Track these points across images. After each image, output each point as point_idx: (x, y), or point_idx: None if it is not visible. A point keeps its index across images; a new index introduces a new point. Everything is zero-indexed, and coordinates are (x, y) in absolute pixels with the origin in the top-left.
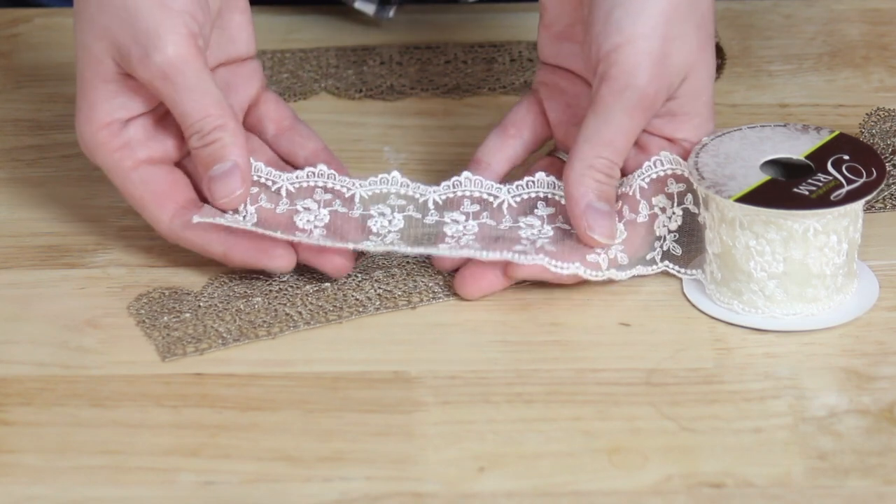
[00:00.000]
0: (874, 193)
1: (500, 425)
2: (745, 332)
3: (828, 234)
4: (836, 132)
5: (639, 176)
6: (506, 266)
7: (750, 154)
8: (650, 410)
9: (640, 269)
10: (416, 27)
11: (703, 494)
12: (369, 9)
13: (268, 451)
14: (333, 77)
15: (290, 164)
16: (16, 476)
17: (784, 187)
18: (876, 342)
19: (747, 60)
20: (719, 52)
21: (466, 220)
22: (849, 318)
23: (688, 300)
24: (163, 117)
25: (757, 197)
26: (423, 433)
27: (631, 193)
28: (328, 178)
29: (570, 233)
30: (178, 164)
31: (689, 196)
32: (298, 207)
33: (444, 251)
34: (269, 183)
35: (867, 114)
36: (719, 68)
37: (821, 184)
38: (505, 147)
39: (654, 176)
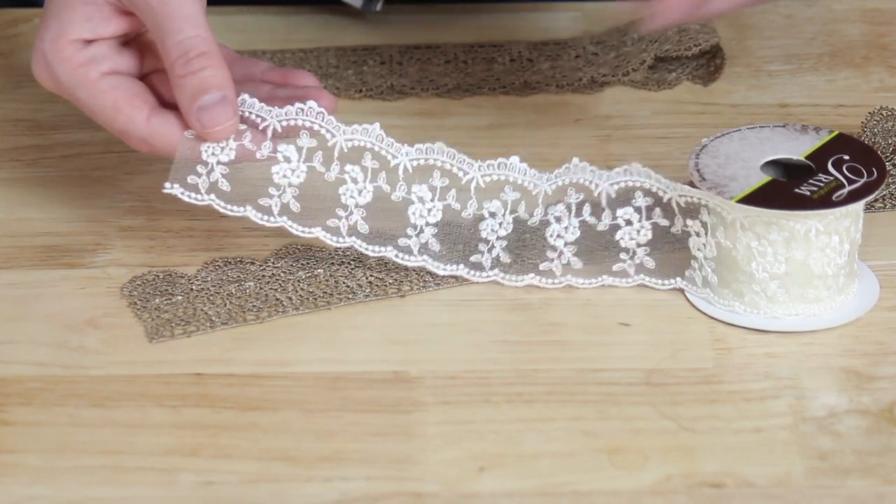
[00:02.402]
0: (876, 193)
1: (500, 425)
2: (745, 332)
3: (829, 234)
4: (836, 132)
5: (606, 179)
6: None
7: (750, 155)
8: (650, 410)
9: (607, 280)
10: (416, 27)
11: (703, 494)
12: (356, 1)
13: (268, 451)
14: (333, 77)
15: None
16: (16, 476)
17: (785, 188)
18: (876, 342)
19: (747, 60)
20: (718, 52)
21: (433, 199)
22: (850, 318)
23: (688, 300)
24: (125, 43)
25: (759, 198)
26: (423, 433)
27: (596, 195)
28: (317, 116)
29: (529, 228)
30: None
31: (658, 210)
32: (279, 156)
33: (402, 259)
34: (258, 120)
35: (870, 112)
36: (718, 68)
37: (822, 184)
38: None
39: (622, 184)
